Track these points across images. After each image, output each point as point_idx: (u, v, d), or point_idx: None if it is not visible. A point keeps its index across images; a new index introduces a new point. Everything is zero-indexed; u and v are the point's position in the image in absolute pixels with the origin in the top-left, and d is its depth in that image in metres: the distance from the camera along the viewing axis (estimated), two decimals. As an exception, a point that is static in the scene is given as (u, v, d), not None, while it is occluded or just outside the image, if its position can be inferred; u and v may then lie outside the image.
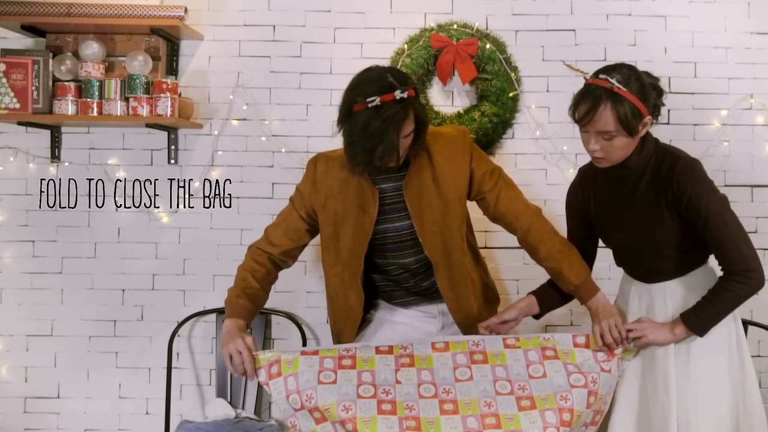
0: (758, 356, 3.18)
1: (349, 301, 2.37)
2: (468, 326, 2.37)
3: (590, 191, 2.30)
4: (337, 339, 2.45)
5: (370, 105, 2.09)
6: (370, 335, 2.44)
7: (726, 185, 3.19)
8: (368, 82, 2.13)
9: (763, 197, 3.21)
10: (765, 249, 3.21)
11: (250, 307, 2.28)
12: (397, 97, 2.10)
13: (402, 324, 2.44)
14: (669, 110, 3.20)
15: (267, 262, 2.36)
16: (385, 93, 2.10)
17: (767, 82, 3.19)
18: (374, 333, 2.44)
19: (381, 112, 2.08)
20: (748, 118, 3.20)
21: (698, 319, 2.09)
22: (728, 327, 2.15)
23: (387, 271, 2.40)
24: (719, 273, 2.14)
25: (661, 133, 3.12)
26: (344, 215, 2.31)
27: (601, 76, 2.04)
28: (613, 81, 2.02)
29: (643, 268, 2.24)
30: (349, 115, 2.14)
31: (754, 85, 3.19)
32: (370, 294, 2.46)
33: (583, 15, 3.21)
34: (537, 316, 2.36)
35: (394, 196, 2.31)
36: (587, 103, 2.04)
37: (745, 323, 2.92)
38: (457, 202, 2.31)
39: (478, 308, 2.39)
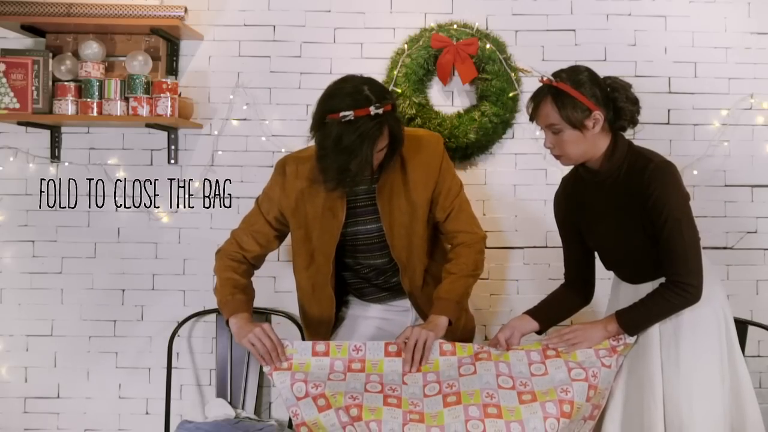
0: (758, 356, 3.18)
1: (322, 303, 2.37)
2: None
3: (571, 198, 2.33)
4: (311, 339, 2.43)
5: (343, 119, 2.05)
6: (346, 334, 2.43)
7: (726, 185, 3.19)
8: (343, 94, 2.09)
9: (763, 197, 3.21)
10: (765, 249, 3.21)
11: (247, 299, 2.28)
12: (372, 113, 2.06)
13: (377, 319, 2.45)
14: (669, 110, 3.20)
15: (244, 260, 2.36)
16: (359, 107, 2.06)
17: (767, 82, 3.19)
18: (350, 332, 2.44)
19: (355, 127, 2.05)
20: (748, 118, 3.20)
21: (631, 320, 2.14)
22: (718, 328, 2.14)
23: (356, 270, 2.41)
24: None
25: (661, 133, 3.16)
26: (314, 218, 2.30)
27: (547, 76, 2.14)
28: (554, 78, 2.12)
29: (627, 270, 2.26)
30: (321, 124, 2.10)
31: (754, 85, 3.19)
32: (341, 291, 2.45)
33: (583, 15, 3.21)
34: (540, 332, 2.34)
35: (365, 199, 2.31)
36: (532, 100, 2.18)
37: (745, 323, 2.92)
38: (424, 207, 2.31)
39: None
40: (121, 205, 3.23)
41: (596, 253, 2.38)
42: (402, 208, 2.29)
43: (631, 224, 2.14)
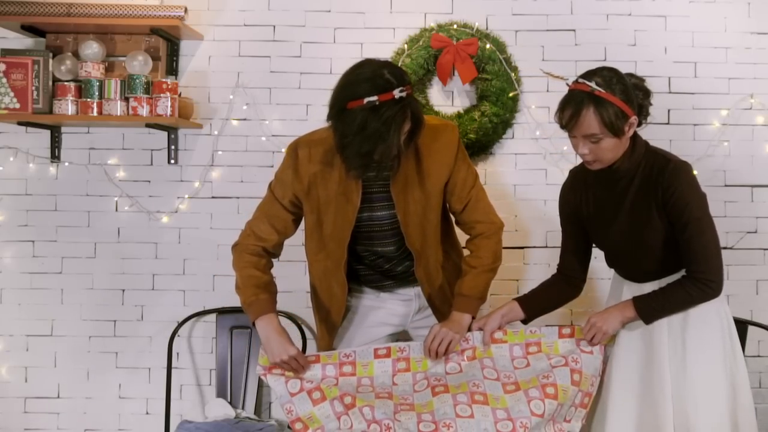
0: (758, 356, 3.18)
1: (333, 289, 2.35)
2: (443, 311, 2.38)
3: (581, 193, 2.31)
4: (321, 326, 2.44)
5: (367, 105, 2.00)
6: (352, 325, 2.43)
7: (726, 185, 3.19)
8: (363, 79, 2.04)
9: (763, 197, 3.21)
10: (765, 249, 3.21)
11: (270, 298, 2.27)
12: (396, 97, 2.02)
13: (380, 309, 2.44)
14: (669, 110, 3.20)
15: (263, 253, 2.32)
16: (383, 91, 2.01)
17: (767, 82, 3.19)
18: (355, 323, 2.43)
19: (380, 113, 2.00)
20: (748, 118, 3.20)
21: (648, 307, 2.14)
22: (721, 324, 2.15)
23: (363, 257, 2.38)
24: None
25: (661, 133, 3.15)
26: (327, 202, 2.26)
27: (581, 80, 2.07)
28: (593, 84, 2.04)
29: (634, 268, 2.26)
30: (342, 112, 2.04)
31: (754, 85, 3.19)
32: (348, 279, 2.42)
33: (583, 15, 3.21)
34: (525, 321, 2.36)
35: (379, 186, 2.26)
36: (570, 108, 2.07)
37: (745, 323, 2.93)
38: (438, 196, 2.30)
39: (452, 293, 2.38)
40: (121, 205, 3.23)
41: (594, 249, 2.38)
42: (416, 197, 2.26)
43: (644, 223, 2.14)
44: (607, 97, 2.03)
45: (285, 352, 2.15)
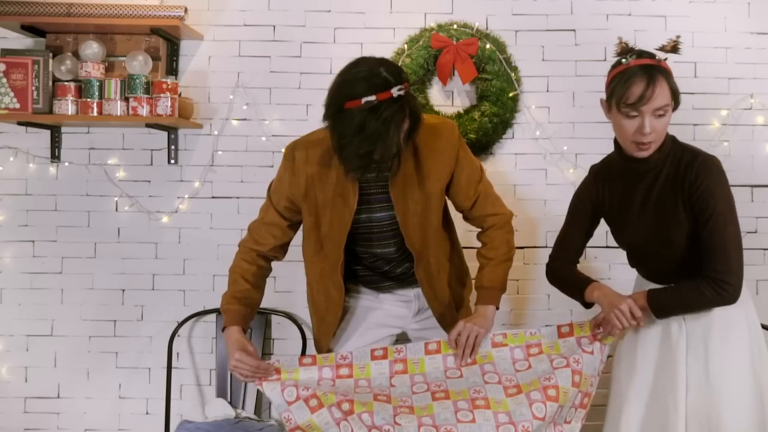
0: (758, 356, 3.18)
1: (329, 291, 2.33)
2: (442, 312, 2.37)
3: (605, 190, 2.26)
4: (318, 328, 2.42)
5: (365, 105, 1.96)
6: (350, 326, 2.42)
7: (726, 185, 3.19)
8: (360, 79, 2.00)
9: (763, 197, 3.21)
10: (765, 249, 3.21)
11: (243, 310, 2.26)
12: (395, 95, 1.98)
13: (378, 310, 2.43)
14: (669, 110, 3.20)
15: (257, 259, 2.32)
16: (380, 90, 1.97)
17: (767, 82, 3.19)
18: (353, 324, 2.42)
19: (378, 112, 1.96)
20: (748, 118, 3.20)
21: (660, 301, 2.07)
22: (749, 328, 2.10)
23: (363, 258, 2.36)
24: None
25: (661, 133, 3.14)
26: (324, 204, 2.24)
27: (646, 55, 2.07)
28: (660, 56, 2.06)
29: (659, 267, 2.20)
30: (339, 112, 2.01)
31: (754, 85, 3.19)
32: (345, 279, 2.40)
33: (583, 15, 3.21)
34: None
35: (378, 186, 2.24)
36: (643, 80, 2.01)
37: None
38: (439, 196, 2.28)
39: (452, 294, 2.39)
40: (121, 205, 3.23)
41: (592, 249, 2.36)
42: (415, 197, 2.23)
43: (670, 218, 2.08)
44: (668, 68, 2.06)
45: (231, 358, 2.16)
